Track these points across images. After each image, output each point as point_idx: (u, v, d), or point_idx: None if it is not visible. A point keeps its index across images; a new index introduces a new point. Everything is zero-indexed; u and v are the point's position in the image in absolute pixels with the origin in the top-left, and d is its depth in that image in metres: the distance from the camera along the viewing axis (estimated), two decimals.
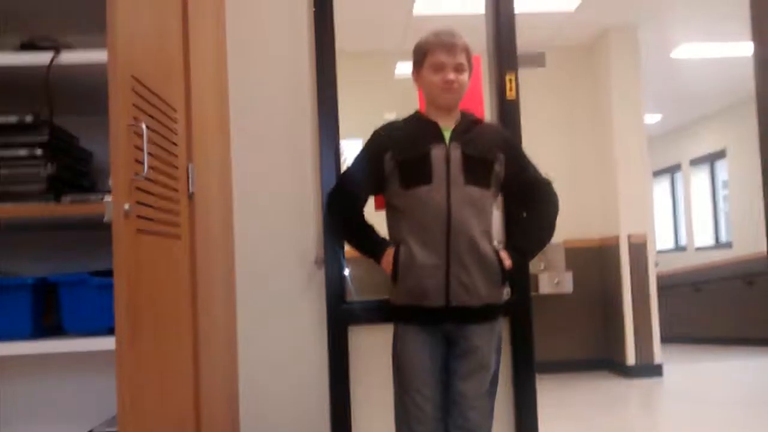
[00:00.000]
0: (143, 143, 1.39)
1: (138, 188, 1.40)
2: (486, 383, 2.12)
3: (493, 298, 2.13)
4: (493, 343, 2.15)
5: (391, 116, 2.30)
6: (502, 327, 2.25)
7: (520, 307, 2.49)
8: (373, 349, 2.43)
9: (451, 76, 2.12)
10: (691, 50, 6.77)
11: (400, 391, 2.14)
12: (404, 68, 2.25)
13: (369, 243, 2.21)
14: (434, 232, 2.08)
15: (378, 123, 2.26)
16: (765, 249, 2.93)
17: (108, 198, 1.31)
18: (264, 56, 2.54)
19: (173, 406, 1.63)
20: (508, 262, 2.15)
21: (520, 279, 2.46)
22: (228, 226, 2.37)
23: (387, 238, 2.22)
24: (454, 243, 2.07)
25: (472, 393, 2.09)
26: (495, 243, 2.26)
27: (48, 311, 1.71)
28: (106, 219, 1.30)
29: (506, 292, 2.20)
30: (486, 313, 2.13)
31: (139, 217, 1.39)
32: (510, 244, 2.41)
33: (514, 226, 2.51)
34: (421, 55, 2.19)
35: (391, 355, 2.18)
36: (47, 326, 1.71)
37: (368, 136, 2.24)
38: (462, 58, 2.14)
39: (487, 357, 2.12)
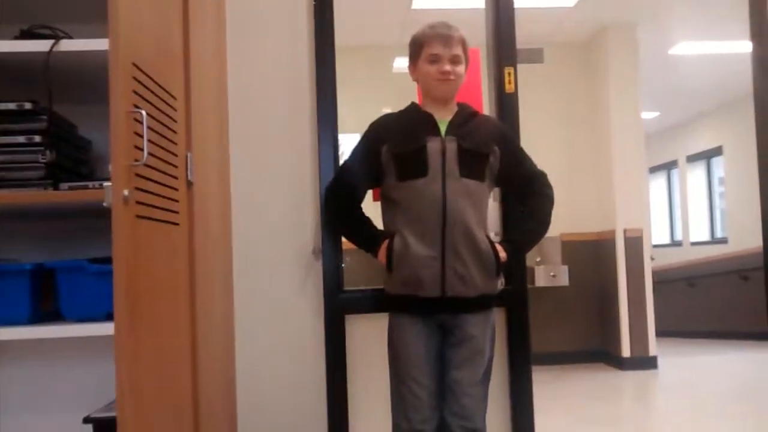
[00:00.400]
0: (143, 130, 1.40)
1: (137, 174, 1.40)
2: (480, 371, 2.14)
3: (488, 288, 2.15)
4: (488, 331, 2.17)
5: (388, 111, 2.31)
6: (497, 317, 2.27)
7: (517, 299, 2.51)
8: (370, 337, 2.44)
9: (447, 67, 2.13)
10: (689, 48, 6.78)
11: (396, 380, 2.15)
12: (402, 63, 2.26)
13: (366, 236, 2.23)
14: (430, 224, 2.09)
15: (375, 118, 2.27)
16: (760, 244, 2.94)
17: (107, 184, 1.32)
18: (263, 48, 2.54)
19: (171, 391, 1.64)
20: (503, 254, 2.16)
21: (516, 270, 2.48)
22: (226, 215, 2.38)
23: (383, 230, 2.23)
24: (449, 234, 2.08)
25: (466, 381, 2.10)
26: (492, 234, 2.28)
27: (46, 298, 1.72)
28: (105, 204, 1.31)
29: (501, 283, 2.21)
30: (481, 303, 2.15)
31: (138, 203, 1.40)
32: (506, 236, 2.42)
33: (510, 219, 2.53)
34: (417, 48, 2.20)
35: (387, 344, 2.20)
36: (45, 312, 1.73)
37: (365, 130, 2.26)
38: (458, 50, 2.15)
39: (481, 345, 2.14)
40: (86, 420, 1.67)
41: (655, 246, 9.12)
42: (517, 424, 2.51)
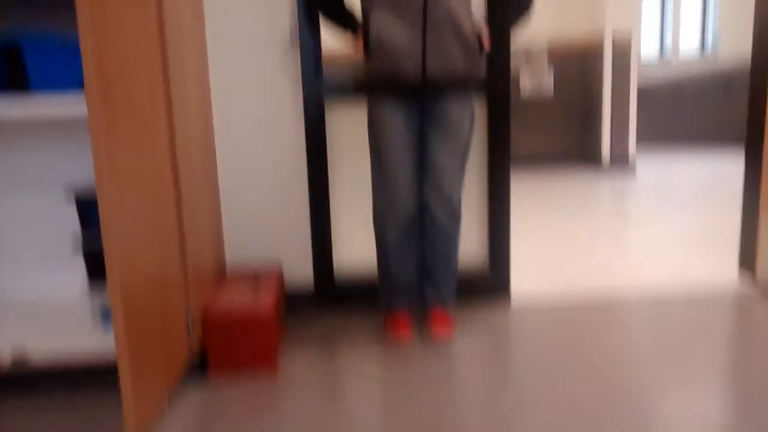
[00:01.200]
0: None
1: None
2: (459, 150, 2.17)
3: (470, 72, 2.12)
4: (468, 113, 2.18)
5: None
6: (478, 104, 2.26)
7: (498, 87, 2.47)
8: (349, 123, 2.44)
9: None
10: None
11: (377, 161, 2.18)
12: None
13: (343, 23, 2.16)
14: (411, 8, 2.02)
15: None
16: (749, 57, 2.84)
17: None
18: None
19: (151, 172, 1.64)
20: (487, 41, 2.12)
21: (499, 55, 2.42)
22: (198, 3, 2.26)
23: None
24: (431, 18, 2.02)
25: (444, 158, 2.14)
26: (477, 18, 2.21)
27: (14, 76, 1.67)
28: None
29: (482, 69, 2.18)
30: (462, 87, 2.13)
31: None
32: (489, 21, 2.36)
33: (494, 4, 2.44)
34: None
35: (367, 125, 2.20)
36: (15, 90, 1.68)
37: None
38: None
39: (460, 126, 2.16)
40: (69, 191, 1.68)
41: (644, 61, 8.95)
42: (493, 206, 2.57)
